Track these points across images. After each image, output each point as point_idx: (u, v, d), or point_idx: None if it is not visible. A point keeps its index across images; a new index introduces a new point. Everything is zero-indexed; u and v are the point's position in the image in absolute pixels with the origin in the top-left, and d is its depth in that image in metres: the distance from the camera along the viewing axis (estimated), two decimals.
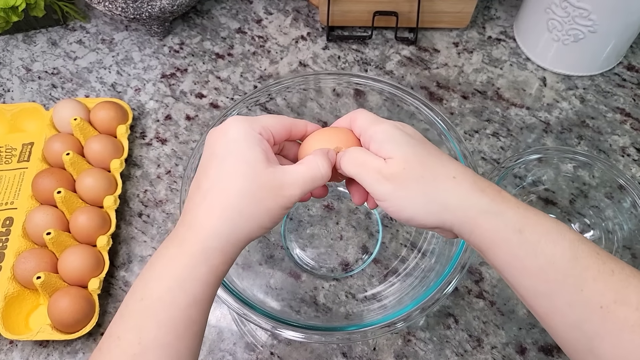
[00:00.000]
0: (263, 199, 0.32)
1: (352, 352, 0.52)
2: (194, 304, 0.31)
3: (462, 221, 0.32)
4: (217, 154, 0.33)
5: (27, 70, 0.71)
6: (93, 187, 0.57)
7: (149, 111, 0.67)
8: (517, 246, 0.30)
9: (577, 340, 0.29)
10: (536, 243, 0.30)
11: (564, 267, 0.29)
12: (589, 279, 0.28)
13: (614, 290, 0.28)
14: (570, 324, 0.29)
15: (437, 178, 0.32)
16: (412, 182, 0.32)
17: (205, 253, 0.31)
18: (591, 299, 0.28)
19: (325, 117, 0.62)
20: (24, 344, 0.53)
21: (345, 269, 0.56)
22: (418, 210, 0.32)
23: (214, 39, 0.73)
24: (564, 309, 0.29)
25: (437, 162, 0.33)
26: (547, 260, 0.29)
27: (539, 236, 0.30)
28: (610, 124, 0.65)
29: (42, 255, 0.53)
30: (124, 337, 0.30)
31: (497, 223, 0.31)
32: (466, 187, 0.32)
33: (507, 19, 0.74)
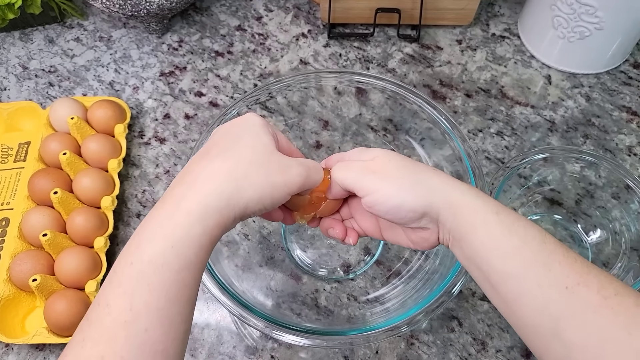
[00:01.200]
0: (270, 172, 0.33)
1: (354, 355, 0.51)
2: (186, 267, 0.30)
3: (446, 203, 0.34)
4: (234, 132, 0.35)
5: (24, 68, 0.70)
6: (90, 187, 0.56)
7: (148, 110, 0.66)
8: (494, 226, 0.32)
9: (543, 324, 0.30)
10: (510, 224, 0.32)
11: (535, 248, 0.31)
12: (555, 262, 0.30)
13: (578, 274, 0.29)
14: (537, 306, 0.30)
15: (419, 168, 0.36)
16: (398, 171, 0.35)
17: (203, 212, 0.31)
18: (558, 279, 0.29)
19: (326, 116, 0.61)
20: (20, 347, 0.52)
21: (347, 271, 0.55)
22: (407, 194, 0.34)
23: (214, 36, 0.72)
24: (533, 289, 0.30)
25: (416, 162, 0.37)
26: (521, 241, 0.31)
27: (512, 219, 0.32)
28: (616, 123, 0.63)
29: (38, 257, 0.52)
30: (114, 304, 0.29)
31: (477, 204, 0.33)
32: (446, 176, 0.35)
33: (512, 15, 0.73)
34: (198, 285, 0.32)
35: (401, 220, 0.35)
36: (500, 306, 0.33)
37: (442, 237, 0.36)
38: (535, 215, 0.57)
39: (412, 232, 0.37)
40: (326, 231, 0.42)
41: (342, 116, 0.60)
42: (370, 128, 0.60)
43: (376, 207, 0.35)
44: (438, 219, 0.34)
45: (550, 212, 0.57)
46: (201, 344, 0.52)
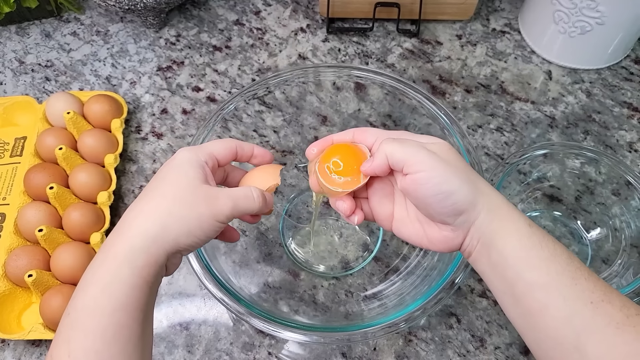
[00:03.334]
0: (195, 205, 0.34)
1: (352, 352, 0.50)
2: (120, 308, 0.31)
3: (489, 206, 0.34)
4: (161, 173, 0.36)
5: (20, 62, 0.70)
6: (86, 182, 0.55)
7: (145, 105, 0.66)
8: (526, 237, 0.33)
9: (565, 336, 0.30)
10: (542, 237, 0.33)
11: (563, 262, 0.32)
12: (582, 277, 0.31)
13: (602, 290, 0.30)
14: (561, 318, 0.30)
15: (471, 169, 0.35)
16: (454, 162, 0.34)
17: (130, 254, 0.32)
18: (583, 293, 0.30)
19: (324, 111, 0.60)
20: (16, 343, 0.52)
21: (345, 267, 0.55)
22: (461, 184, 0.33)
23: (212, 30, 0.72)
24: (559, 301, 0.30)
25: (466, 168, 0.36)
26: (550, 253, 0.32)
27: (543, 233, 0.33)
28: (617, 119, 0.63)
29: (34, 253, 0.52)
30: (56, 354, 0.31)
31: (514, 214, 0.34)
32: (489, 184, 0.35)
33: (512, 10, 0.72)
34: (143, 326, 0.33)
35: (439, 209, 0.34)
36: (520, 319, 0.33)
37: (468, 243, 0.35)
38: (534, 211, 0.57)
39: (435, 230, 0.36)
40: (335, 203, 0.39)
41: (340, 111, 0.60)
42: (369, 124, 0.60)
43: (424, 186, 0.33)
44: (475, 221, 0.34)
45: (549, 209, 0.56)
46: (198, 340, 0.51)
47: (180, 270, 0.55)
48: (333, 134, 0.40)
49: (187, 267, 0.54)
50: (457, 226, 0.34)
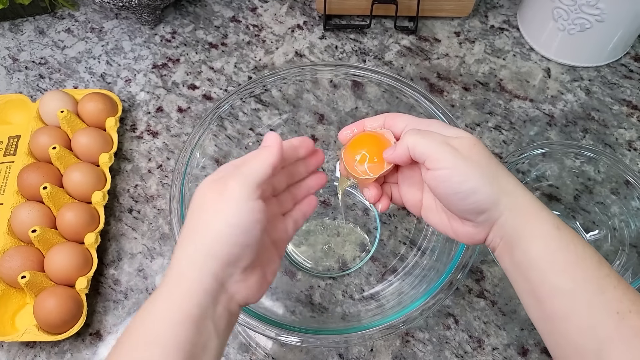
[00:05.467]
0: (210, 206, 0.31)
1: (349, 353, 0.50)
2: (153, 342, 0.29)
3: (514, 206, 0.32)
4: None
5: (14, 60, 0.69)
6: (81, 182, 0.55)
7: (140, 103, 0.65)
8: (553, 239, 0.31)
9: (587, 345, 0.29)
10: (570, 240, 0.31)
11: (590, 268, 0.30)
12: (610, 285, 0.29)
13: (631, 301, 0.29)
14: (584, 326, 0.29)
15: (497, 164, 0.34)
16: (480, 158, 0.33)
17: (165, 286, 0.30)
18: (610, 303, 0.29)
19: (321, 110, 0.60)
20: (10, 344, 0.51)
21: (342, 267, 0.54)
22: (484, 183, 0.32)
23: (207, 27, 0.71)
24: (583, 309, 0.29)
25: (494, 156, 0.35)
26: (577, 258, 0.31)
27: (572, 237, 0.32)
28: (616, 117, 0.62)
29: (27, 253, 0.51)
30: None
31: (541, 215, 0.32)
32: (517, 180, 0.34)
33: (511, 7, 0.72)
34: None
35: (460, 207, 0.34)
36: (542, 322, 0.32)
37: (491, 239, 0.34)
38: None
39: (459, 224, 0.36)
40: (362, 189, 0.39)
41: (337, 110, 0.59)
42: None
43: (444, 184, 0.33)
44: (497, 220, 0.33)
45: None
46: None
47: None
48: (365, 118, 0.39)
49: None
50: (479, 223, 0.34)
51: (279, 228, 0.36)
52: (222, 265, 0.30)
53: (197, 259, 0.30)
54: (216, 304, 0.30)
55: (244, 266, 0.31)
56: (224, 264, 0.30)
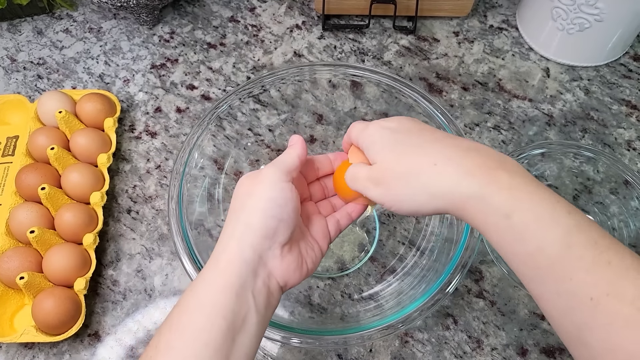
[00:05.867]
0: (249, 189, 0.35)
1: (348, 353, 0.50)
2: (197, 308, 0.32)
3: (452, 206, 0.31)
4: None
5: (12, 60, 0.69)
6: (79, 182, 0.55)
7: (138, 103, 0.65)
8: (504, 230, 0.29)
9: (568, 328, 0.28)
10: (524, 229, 0.28)
11: (553, 255, 0.27)
12: (580, 269, 0.27)
13: (608, 282, 0.26)
14: (559, 312, 0.28)
15: (418, 171, 0.32)
16: (397, 182, 0.33)
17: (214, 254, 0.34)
18: (581, 289, 0.27)
19: (320, 110, 0.60)
20: (9, 345, 0.51)
21: (341, 268, 0.54)
22: (412, 204, 0.33)
23: (206, 27, 0.71)
24: (552, 297, 0.28)
25: (417, 153, 0.33)
26: (536, 247, 0.28)
27: (528, 222, 0.28)
28: (615, 117, 0.62)
29: (26, 254, 0.51)
30: None
31: (482, 207, 0.30)
32: (449, 173, 0.31)
33: (510, 7, 0.72)
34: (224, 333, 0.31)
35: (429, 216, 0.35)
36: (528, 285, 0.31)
37: None
38: None
39: None
40: None
41: (336, 110, 0.59)
42: None
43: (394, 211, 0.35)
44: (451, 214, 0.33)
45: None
46: None
47: (174, 271, 0.55)
48: None
49: (181, 268, 0.54)
50: None
51: (319, 224, 0.39)
52: (259, 237, 0.33)
53: (237, 231, 0.33)
54: (255, 277, 0.32)
55: (281, 242, 0.34)
56: (262, 236, 0.33)
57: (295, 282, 0.35)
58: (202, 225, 0.51)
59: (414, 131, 0.35)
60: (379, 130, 0.36)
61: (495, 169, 0.30)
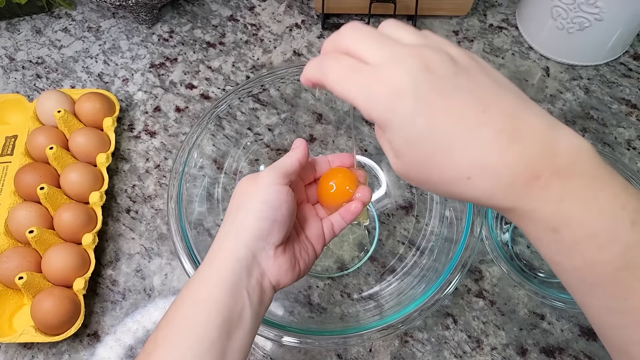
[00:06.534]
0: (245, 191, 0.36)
1: (348, 353, 0.50)
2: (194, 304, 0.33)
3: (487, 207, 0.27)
4: None
5: (11, 59, 0.69)
6: (78, 182, 0.55)
7: (137, 102, 0.65)
8: (548, 243, 0.25)
9: (614, 339, 0.26)
10: (573, 245, 0.24)
11: (607, 275, 0.24)
12: (638, 291, 0.23)
13: None
14: (607, 324, 0.26)
15: (447, 182, 0.26)
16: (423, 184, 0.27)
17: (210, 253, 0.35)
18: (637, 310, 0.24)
19: (320, 109, 0.59)
20: (8, 345, 0.51)
21: (341, 268, 0.54)
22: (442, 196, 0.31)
23: (205, 27, 0.71)
24: (601, 311, 0.25)
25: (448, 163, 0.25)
26: (585, 264, 0.24)
27: (578, 239, 0.24)
28: (615, 116, 0.62)
29: (25, 254, 0.51)
30: None
31: (523, 219, 0.25)
32: (485, 187, 0.25)
33: (510, 6, 0.71)
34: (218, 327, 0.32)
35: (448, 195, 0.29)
36: None
37: None
38: None
39: None
40: None
41: (336, 109, 0.59)
42: (364, 121, 0.59)
43: None
44: None
45: None
46: None
47: (174, 270, 0.54)
48: None
49: (180, 268, 0.54)
50: None
51: (314, 227, 0.40)
52: (253, 237, 0.34)
53: (233, 231, 0.34)
54: (249, 275, 0.33)
55: (274, 243, 0.34)
56: (255, 236, 0.34)
57: (288, 283, 0.36)
58: (201, 225, 0.51)
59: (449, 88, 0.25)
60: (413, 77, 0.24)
61: (543, 175, 0.24)
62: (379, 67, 0.26)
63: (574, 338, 0.50)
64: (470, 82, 0.26)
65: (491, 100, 0.25)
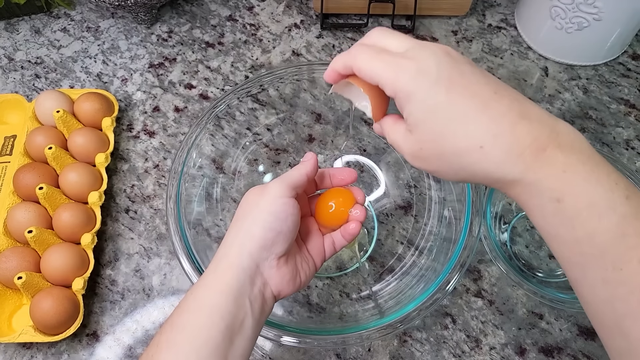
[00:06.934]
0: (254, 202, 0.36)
1: (347, 353, 0.50)
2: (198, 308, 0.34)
3: (494, 184, 0.29)
4: None
5: (10, 59, 0.69)
6: (77, 182, 0.55)
7: (136, 102, 0.65)
8: (551, 214, 0.27)
9: (607, 317, 0.27)
10: (575, 215, 0.26)
11: (605, 243, 0.26)
12: (633, 259, 0.25)
13: None
14: (601, 299, 0.27)
15: (463, 152, 0.29)
16: (437, 160, 0.30)
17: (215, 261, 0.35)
18: (631, 279, 0.25)
19: (319, 109, 0.59)
20: (7, 345, 0.51)
21: (340, 267, 0.54)
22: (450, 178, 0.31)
23: (204, 27, 0.71)
24: (596, 284, 0.27)
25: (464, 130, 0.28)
26: (586, 233, 0.26)
27: (580, 207, 0.26)
28: (614, 116, 0.62)
29: (24, 254, 0.51)
30: None
31: (529, 191, 0.28)
32: (496, 155, 0.28)
33: (508, 5, 0.72)
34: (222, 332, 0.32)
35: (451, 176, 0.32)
36: None
37: None
38: None
39: None
40: None
41: (334, 109, 0.59)
42: (363, 121, 0.59)
43: None
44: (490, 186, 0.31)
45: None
46: None
47: (173, 270, 0.54)
48: None
49: (179, 268, 0.54)
50: None
51: (316, 241, 0.41)
52: (258, 247, 0.34)
53: (238, 240, 0.35)
54: (252, 284, 0.34)
55: (278, 253, 0.35)
56: (260, 246, 0.34)
57: (289, 293, 0.36)
58: (200, 225, 0.51)
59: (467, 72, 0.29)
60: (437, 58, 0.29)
61: (549, 148, 0.27)
62: (406, 52, 0.30)
63: (573, 337, 0.50)
64: (482, 72, 0.30)
65: (500, 87, 0.29)
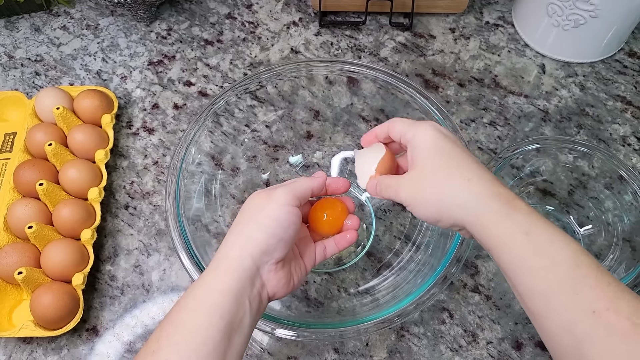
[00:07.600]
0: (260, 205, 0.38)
1: (344, 347, 0.50)
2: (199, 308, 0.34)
3: (473, 220, 0.34)
4: None
5: (10, 57, 0.69)
6: (77, 178, 0.55)
7: (136, 100, 0.65)
8: (521, 246, 0.32)
9: (568, 343, 0.30)
10: (540, 246, 0.32)
11: (565, 270, 0.30)
12: (585, 286, 0.30)
13: (608, 299, 0.29)
14: (562, 326, 0.30)
15: (454, 183, 0.35)
16: (430, 188, 0.36)
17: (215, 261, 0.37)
18: (586, 303, 0.29)
19: (317, 106, 0.60)
20: (7, 340, 0.51)
21: (338, 263, 0.54)
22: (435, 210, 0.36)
23: (203, 24, 0.71)
24: (559, 309, 0.30)
25: (457, 167, 0.36)
26: (550, 262, 0.31)
27: (544, 240, 0.32)
28: (610, 113, 0.63)
29: (24, 250, 0.51)
30: None
31: (505, 224, 0.33)
32: (480, 189, 0.34)
33: (506, 3, 0.72)
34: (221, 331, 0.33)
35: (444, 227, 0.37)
36: (528, 315, 0.33)
37: None
38: None
39: None
40: None
41: (333, 106, 0.59)
42: (361, 118, 0.59)
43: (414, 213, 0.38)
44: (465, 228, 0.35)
45: (542, 203, 0.56)
46: None
47: (172, 266, 0.55)
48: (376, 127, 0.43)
49: (178, 264, 0.54)
50: None
51: (308, 247, 0.43)
52: (259, 251, 0.36)
53: (239, 242, 0.36)
54: (252, 285, 0.35)
55: (277, 258, 0.36)
56: (261, 251, 0.36)
57: (282, 295, 0.38)
58: (199, 221, 0.51)
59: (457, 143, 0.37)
60: (434, 131, 0.37)
61: (516, 197, 0.34)
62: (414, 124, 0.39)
63: None
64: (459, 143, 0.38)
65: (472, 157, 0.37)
